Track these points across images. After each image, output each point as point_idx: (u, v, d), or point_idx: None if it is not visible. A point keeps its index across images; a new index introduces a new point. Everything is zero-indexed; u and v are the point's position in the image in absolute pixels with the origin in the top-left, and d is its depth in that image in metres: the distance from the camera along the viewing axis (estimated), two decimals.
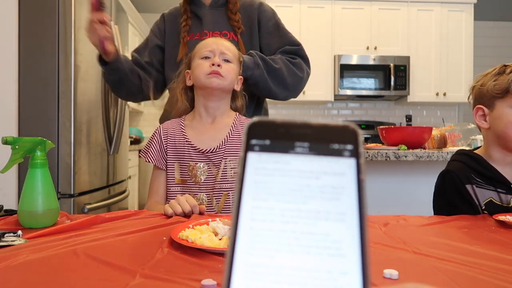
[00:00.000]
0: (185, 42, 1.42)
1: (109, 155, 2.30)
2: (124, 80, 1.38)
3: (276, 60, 1.36)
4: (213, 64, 1.12)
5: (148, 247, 0.66)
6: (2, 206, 0.95)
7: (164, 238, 0.71)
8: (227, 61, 1.16)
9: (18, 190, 1.83)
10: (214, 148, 1.13)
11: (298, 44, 1.45)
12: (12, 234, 0.72)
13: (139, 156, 1.23)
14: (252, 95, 1.41)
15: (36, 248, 0.65)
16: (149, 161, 1.15)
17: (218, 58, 1.13)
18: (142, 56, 1.48)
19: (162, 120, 1.41)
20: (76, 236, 0.73)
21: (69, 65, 1.88)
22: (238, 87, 1.21)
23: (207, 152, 1.12)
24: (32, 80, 1.87)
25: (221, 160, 1.12)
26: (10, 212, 0.94)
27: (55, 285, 0.51)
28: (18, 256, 0.60)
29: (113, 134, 2.28)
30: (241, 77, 1.23)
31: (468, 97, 1.13)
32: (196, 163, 1.13)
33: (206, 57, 1.15)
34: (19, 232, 0.73)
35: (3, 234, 0.71)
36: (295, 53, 1.43)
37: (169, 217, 0.91)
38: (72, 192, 1.89)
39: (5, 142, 0.81)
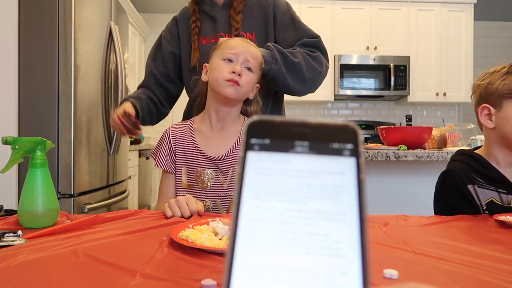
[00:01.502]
0: (196, 46, 1.35)
1: (109, 155, 2.30)
2: (154, 118, 1.42)
3: (295, 53, 1.29)
4: (233, 72, 1.06)
5: (148, 247, 0.66)
6: (2, 206, 0.95)
7: (164, 238, 0.71)
8: (248, 69, 1.10)
9: (18, 190, 1.83)
10: (222, 156, 1.10)
11: (317, 36, 1.38)
12: (12, 234, 0.72)
13: (148, 158, 1.22)
14: (268, 94, 1.38)
15: (36, 248, 0.65)
16: (158, 166, 1.14)
17: (240, 66, 1.07)
18: (156, 65, 1.43)
19: (186, 113, 1.41)
20: (76, 236, 0.73)
21: (69, 65, 1.88)
22: (252, 95, 1.17)
23: (215, 160, 1.10)
24: (32, 80, 1.87)
25: (229, 168, 1.10)
26: (10, 212, 0.94)
27: (55, 285, 0.50)
28: (18, 256, 0.60)
29: (113, 134, 2.28)
30: (257, 85, 1.18)
31: (471, 96, 1.11)
32: (204, 169, 1.11)
33: (229, 60, 1.09)
34: (19, 232, 0.73)
35: (3, 234, 0.71)
36: (314, 45, 1.36)
37: (169, 218, 0.91)
38: (72, 192, 1.89)
39: (5, 142, 0.81)
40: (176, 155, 1.14)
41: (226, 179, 1.10)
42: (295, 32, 1.37)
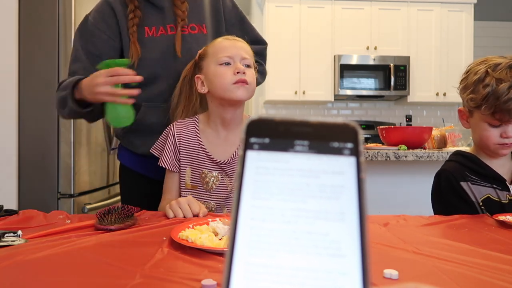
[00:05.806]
0: (135, 39, 1.18)
1: (109, 155, 2.30)
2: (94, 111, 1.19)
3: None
4: (238, 72, 1.03)
5: (148, 247, 0.66)
6: (2, 206, 0.94)
7: (164, 238, 0.71)
8: (248, 66, 1.07)
9: (18, 190, 1.83)
10: (228, 160, 1.08)
11: (265, 43, 1.38)
12: (12, 234, 0.72)
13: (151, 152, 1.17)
14: None
15: (36, 248, 0.65)
16: (163, 166, 1.10)
17: (240, 64, 1.04)
18: (89, 47, 1.19)
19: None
20: (76, 236, 0.73)
21: None
22: None
23: (221, 163, 1.08)
24: (32, 80, 1.87)
25: (235, 171, 1.09)
26: (10, 212, 0.93)
27: (55, 285, 0.50)
28: (18, 256, 0.60)
29: (113, 134, 2.28)
30: None
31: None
32: (209, 171, 1.09)
33: (226, 63, 1.05)
34: (19, 232, 0.73)
35: (3, 234, 0.71)
36: (262, 53, 1.34)
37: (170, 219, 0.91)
38: (72, 192, 1.89)
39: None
40: (181, 154, 1.10)
41: (232, 182, 1.09)
42: (243, 33, 1.29)
